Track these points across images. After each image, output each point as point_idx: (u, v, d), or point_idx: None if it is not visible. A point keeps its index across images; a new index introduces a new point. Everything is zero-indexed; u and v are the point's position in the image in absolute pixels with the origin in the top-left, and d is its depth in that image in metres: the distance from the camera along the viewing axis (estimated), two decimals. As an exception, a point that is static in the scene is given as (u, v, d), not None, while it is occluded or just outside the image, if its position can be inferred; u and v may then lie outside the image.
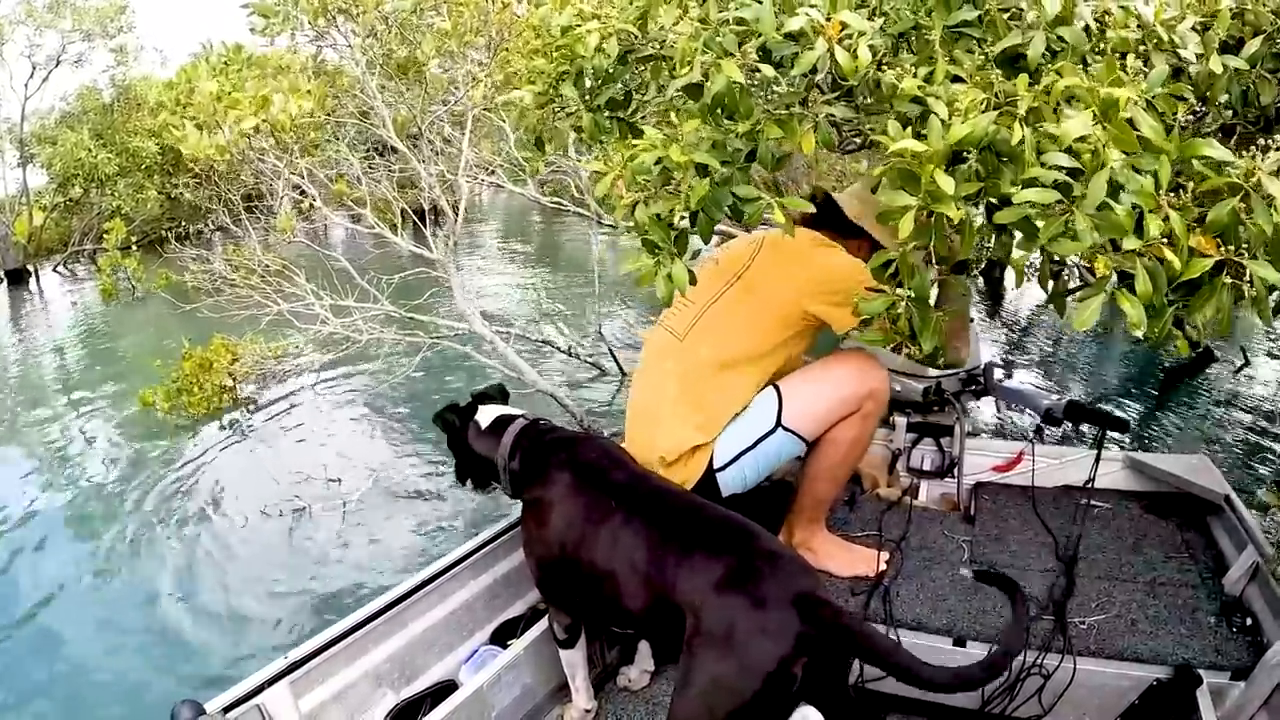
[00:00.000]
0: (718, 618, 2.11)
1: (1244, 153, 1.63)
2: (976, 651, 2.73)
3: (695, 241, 2.22)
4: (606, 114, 2.54)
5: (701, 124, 2.12)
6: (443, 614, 2.94)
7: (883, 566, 3.07)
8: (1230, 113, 2.29)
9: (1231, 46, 2.13)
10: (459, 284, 7.09)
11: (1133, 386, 9.63)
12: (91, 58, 19.36)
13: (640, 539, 2.33)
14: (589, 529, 2.42)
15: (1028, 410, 3.50)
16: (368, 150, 9.29)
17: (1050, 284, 2.00)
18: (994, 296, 12.63)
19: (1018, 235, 1.77)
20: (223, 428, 8.16)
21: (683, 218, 2.13)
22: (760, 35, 2.01)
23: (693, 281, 2.19)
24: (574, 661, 2.72)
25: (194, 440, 8.01)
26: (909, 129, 1.76)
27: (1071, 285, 2.21)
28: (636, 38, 2.39)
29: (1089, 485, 3.25)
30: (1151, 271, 1.63)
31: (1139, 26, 1.96)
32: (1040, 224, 1.66)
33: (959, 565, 3.12)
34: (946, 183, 1.64)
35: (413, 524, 6.53)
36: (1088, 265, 1.77)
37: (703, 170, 2.08)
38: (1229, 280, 1.66)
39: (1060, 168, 1.61)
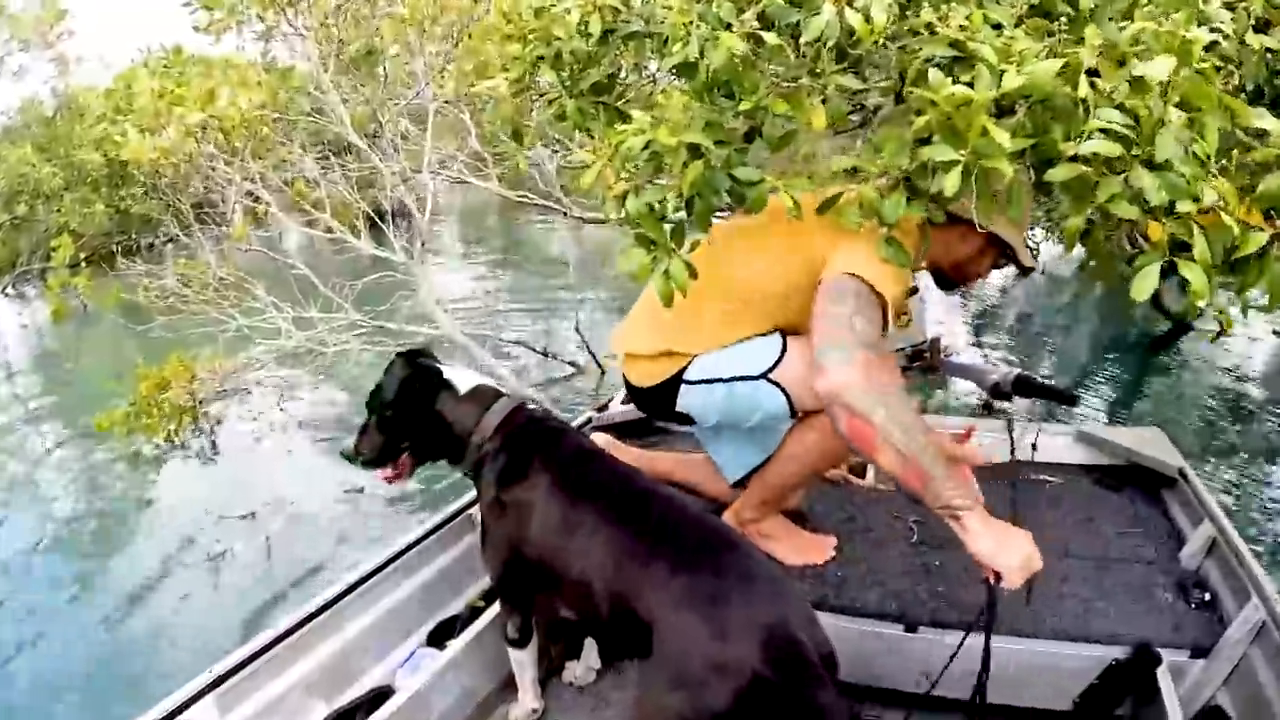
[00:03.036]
0: (674, 641, 1.92)
1: None
2: (930, 636, 2.62)
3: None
4: (591, 99, 2.37)
5: (693, 102, 1.96)
6: (375, 616, 2.78)
7: (831, 553, 2.92)
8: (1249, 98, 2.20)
9: (1259, 28, 2.04)
10: (428, 287, 6.88)
11: (1112, 359, 9.59)
12: (32, 68, 18.98)
13: (611, 543, 2.13)
14: (566, 535, 2.24)
15: (976, 384, 3.35)
16: (323, 152, 9.02)
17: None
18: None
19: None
20: (185, 451, 7.85)
21: (677, 207, 1.98)
22: (759, 2, 1.87)
23: (693, 276, 2.03)
24: (524, 661, 2.57)
25: (155, 466, 7.70)
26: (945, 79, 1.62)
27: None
28: (620, 14, 2.21)
29: (1025, 459, 3.06)
30: (1210, 237, 1.53)
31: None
32: (1098, 181, 1.55)
33: (907, 547, 3.01)
34: (1001, 135, 1.51)
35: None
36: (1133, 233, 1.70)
37: (695, 152, 1.93)
38: None
39: (1114, 125, 1.50)
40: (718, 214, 2.15)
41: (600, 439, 3.31)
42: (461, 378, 2.56)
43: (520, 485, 2.37)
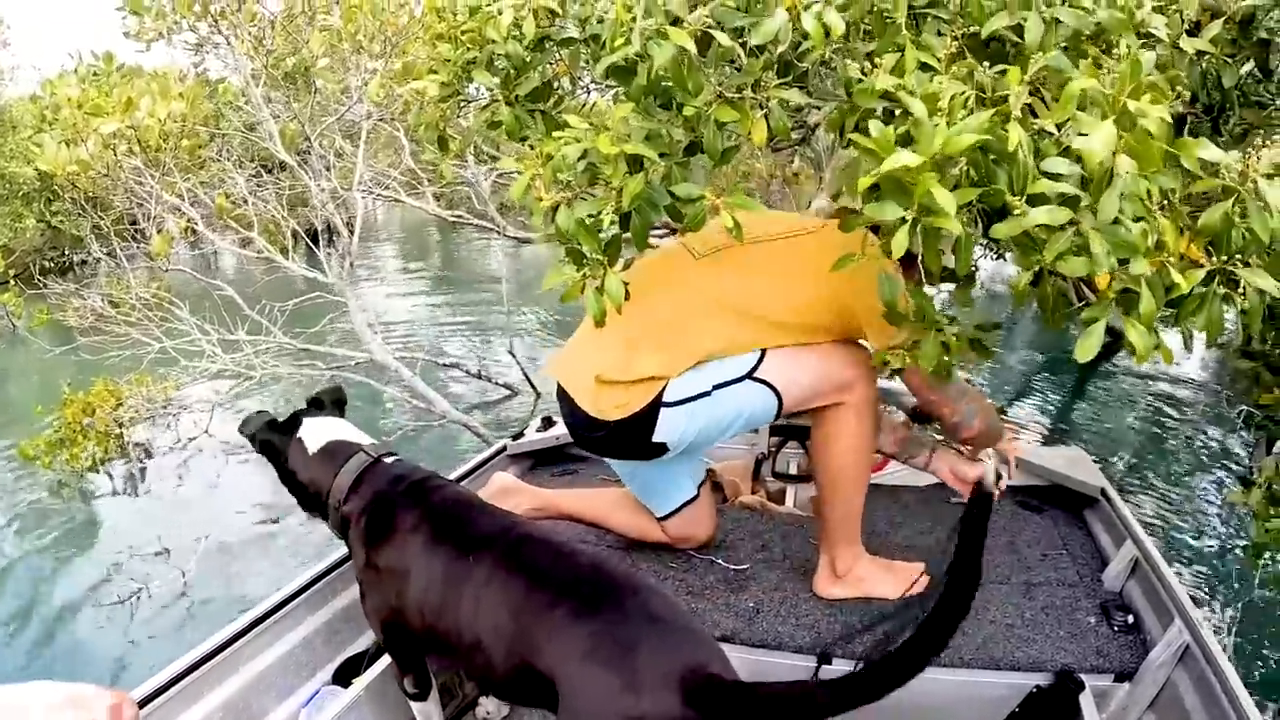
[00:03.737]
0: (583, 699, 1.80)
1: (1246, 153, 1.54)
2: (845, 669, 2.47)
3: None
4: (527, 106, 2.25)
5: (634, 111, 1.84)
6: (279, 653, 2.67)
7: (923, 579, 2.84)
8: (1180, 101, 2.21)
9: (1192, 31, 2.02)
10: (358, 309, 6.72)
11: (1047, 374, 9.66)
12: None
13: (503, 597, 2.00)
14: (451, 594, 2.10)
15: (896, 408, 3.32)
16: (255, 169, 8.84)
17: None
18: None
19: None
20: (111, 480, 7.58)
21: (613, 221, 1.85)
22: (709, 2, 1.77)
23: (627, 296, 1.91)
24: (428, 712, 2.48)
25: (81, 496, 7.39)
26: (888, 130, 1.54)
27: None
28: (557, 16, 2.10)
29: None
30: (1153, 287, 1.49)
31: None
32: (1045, 239, 1.49)
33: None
34: (945, 199, 1.43)
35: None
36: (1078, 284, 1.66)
37: (636, 164, 1.81)
38: (1222, 290, 1.55)
39: (1060, 176, 1.45)
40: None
41: (503, 480, 3.21)
42: (317, 432, 2.44)
43: (391, 547, 2.25)
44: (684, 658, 1.78)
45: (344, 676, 2.75)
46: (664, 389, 2.46)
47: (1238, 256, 1.53)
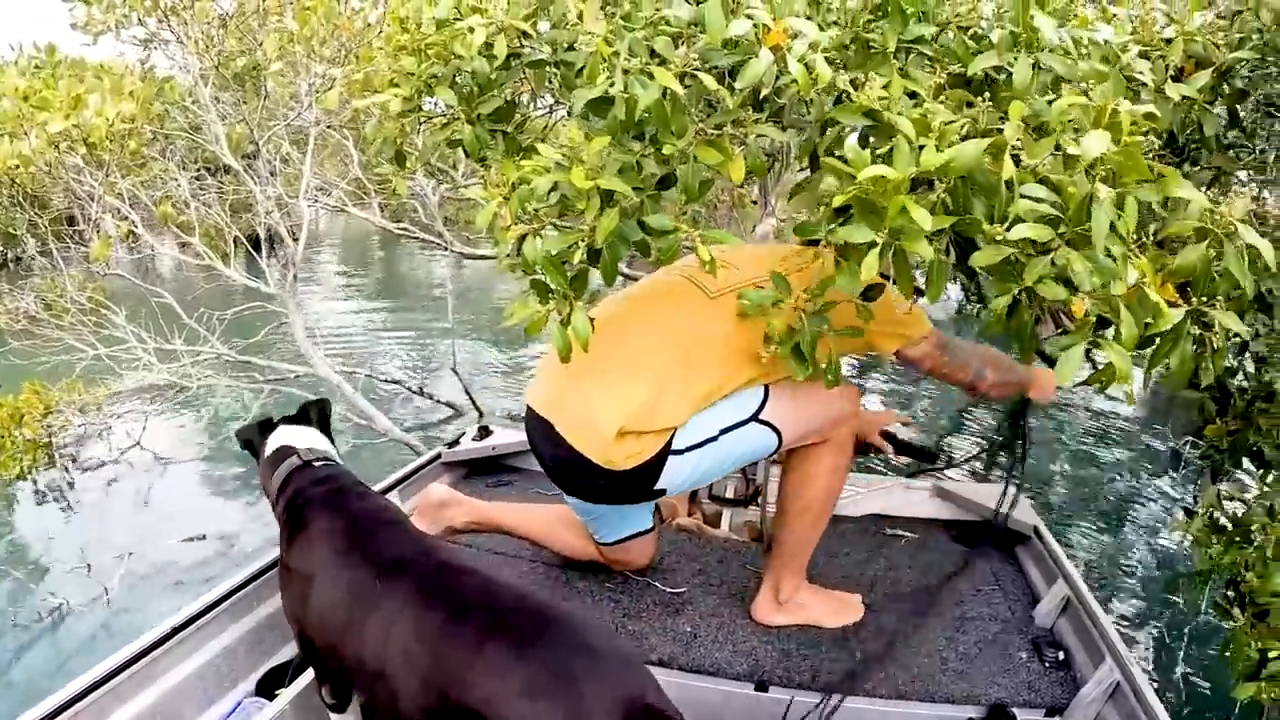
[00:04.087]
0: None
1: (1217, 199, 1.64)
2: (780, 696, 2.58)
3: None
4: (489, 126, 2.19)
5: (608, 144, 1.79)
6: (199, 663, 2.58)
7: (861, 610, 2.91)
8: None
9: (1176, 77, 2.11)
10: (300, 321, 6.57)
11: (990, 404, 9.69)
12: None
13: (419, 626, 1.93)
14: (356, 614, 2.03)
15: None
16: (198, 170, 8.64)
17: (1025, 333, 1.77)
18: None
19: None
20: (38, 490, 7.27)
21: (581, 254, 1.80)
22: (698, 40, 1.76)
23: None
24: None
25: (6, 505, 7.15)
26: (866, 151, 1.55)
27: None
28: (528, 38, 2.06)
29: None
30: (1133, 311, 1.52)
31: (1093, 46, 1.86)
32: (1024, 264, 1.51)
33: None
34: (922, 217, 1.42)
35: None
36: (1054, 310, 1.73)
37: (609, 197, 1.76)
38: (1195, 330, 1.61)
39: (1040, 200, 1.48)
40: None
41: (439, 492, 3.12)
42: (280, 437, 2.54)
43: (300, 548, 2.24)
44: (623, 687, 1.76)
45: (267, 688, 2.68)
46: (673, 436, 2.41)
47: (1217, 300, 1.59)
